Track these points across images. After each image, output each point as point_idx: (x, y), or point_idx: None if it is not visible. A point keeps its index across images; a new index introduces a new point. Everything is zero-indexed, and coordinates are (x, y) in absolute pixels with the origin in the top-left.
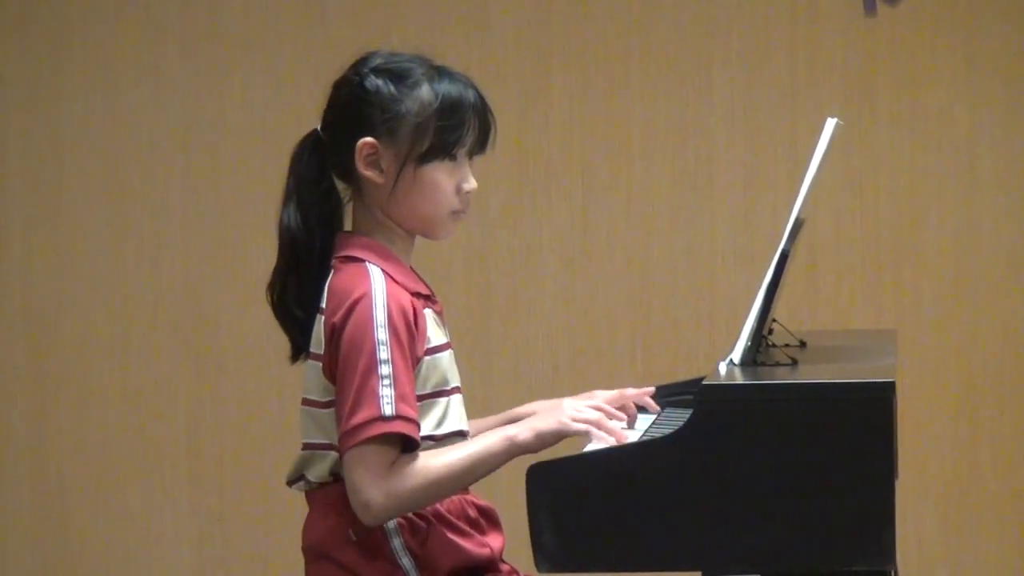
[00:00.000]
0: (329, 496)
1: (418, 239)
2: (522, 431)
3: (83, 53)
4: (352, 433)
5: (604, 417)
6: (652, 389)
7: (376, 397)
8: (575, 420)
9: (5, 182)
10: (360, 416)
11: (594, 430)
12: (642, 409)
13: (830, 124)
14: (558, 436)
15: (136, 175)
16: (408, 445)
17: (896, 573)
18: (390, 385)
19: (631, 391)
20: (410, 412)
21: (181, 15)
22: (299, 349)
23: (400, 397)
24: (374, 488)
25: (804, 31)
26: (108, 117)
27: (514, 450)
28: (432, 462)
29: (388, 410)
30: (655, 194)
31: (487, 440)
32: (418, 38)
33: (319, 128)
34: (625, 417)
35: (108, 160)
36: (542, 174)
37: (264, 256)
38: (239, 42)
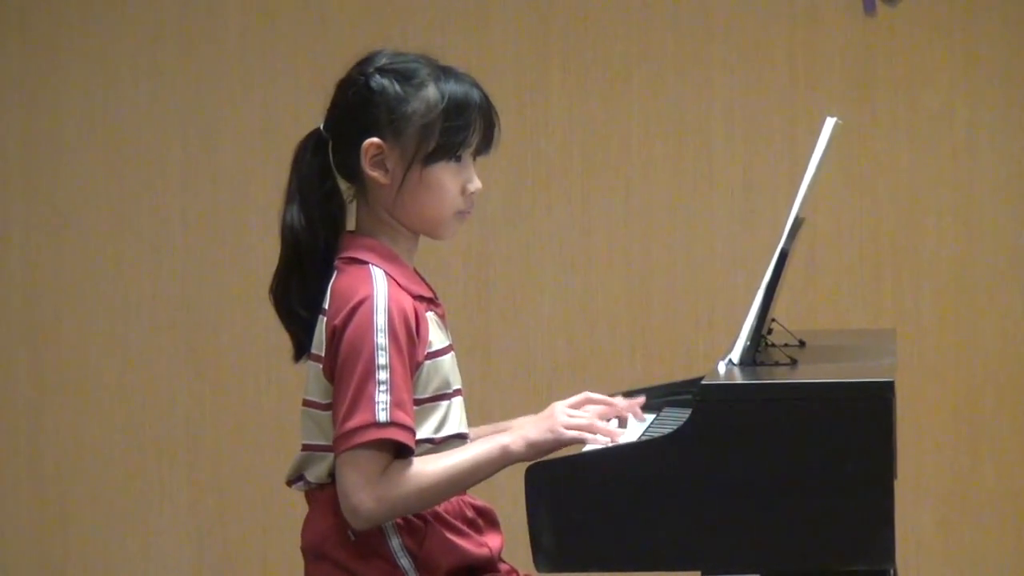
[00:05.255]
0: (328, 496)
1: (421, 239)
2: (515, 441)
3: (83, 53)
4: (346, 437)
5: (596, 420)
6: (642, 399)
7: (372, 402)
8: (567, 427)
9: (5, 182)
10: (355, 421)
11: (587, 435)
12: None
13: (830, 123)
14: (552, 446)
15: (136, 175)
16: (403, 451)
17: (896, 573)
18: (387, 391)
19: (621, 402)
20: (405, 419)
21: (181, 15)
22: (302, 348)
23: (396, 403)
24: (364, 493)
25: (804, 31)
26: (108, 117)
27: (507, 460)
28: (424, 469)
29: (383, 416)
30: (655, 194)
31: (480, 448)
32: (418, 38)
33: (322, 127)
34: (616, 421)
35: (108, 160)
36: (542, 174)
37: (264, 256)
38: (239, 42)
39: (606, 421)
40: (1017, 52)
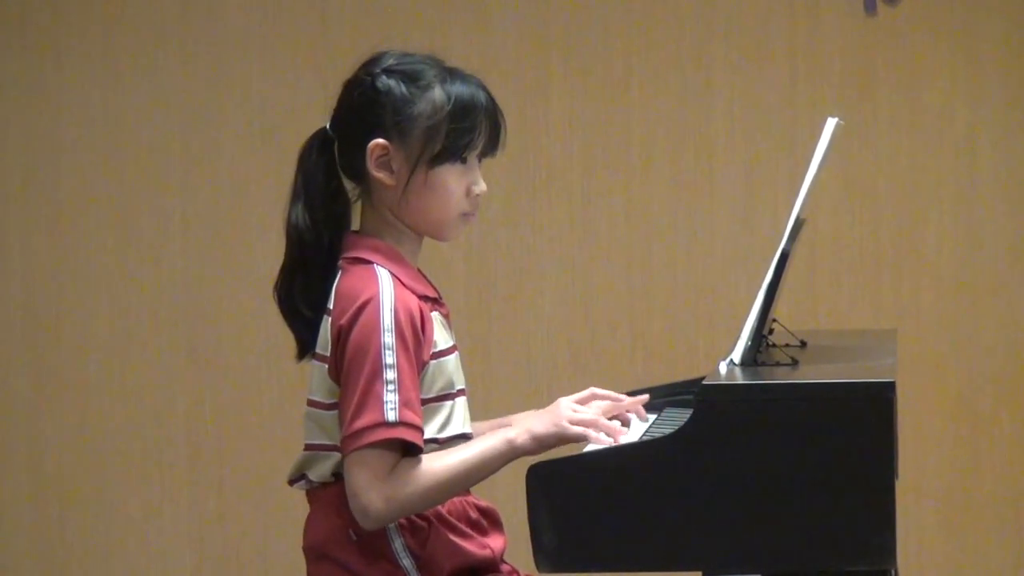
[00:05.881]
0: (331, 496)
1: (424, 240)
2: (520, 435)
3: (83, 53)
4: (354, 437)
5: (601, 418)
6: (646, 397)
7: (380, 402)
8: (572, 422)
9: (5, 182)
10: (363, 420)
11: (591, 432)
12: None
13: (830, 124)
14: (557, 440)
15: (136, 175)
16: (410, 450)
17: (896, 573)
18: (395, 390)
19: (626, 400)
20: (413, 418)
21: (181, 15)
22: (305, 347)
23: (404, 403)
24: (373, 492)
25: (804, 31)
26: (108, 117)
27: (512, 454)
28: (431, 467)
29: (392, 416)
30: (655, 194)
31: (485, 444)
32: (418, 37)
33: (328, 127)
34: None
35: (108, 160)
36: (542, 174)
37: (264, 256)
38: (239, 42)
39: (610, 419)
40: (1017, 52)
